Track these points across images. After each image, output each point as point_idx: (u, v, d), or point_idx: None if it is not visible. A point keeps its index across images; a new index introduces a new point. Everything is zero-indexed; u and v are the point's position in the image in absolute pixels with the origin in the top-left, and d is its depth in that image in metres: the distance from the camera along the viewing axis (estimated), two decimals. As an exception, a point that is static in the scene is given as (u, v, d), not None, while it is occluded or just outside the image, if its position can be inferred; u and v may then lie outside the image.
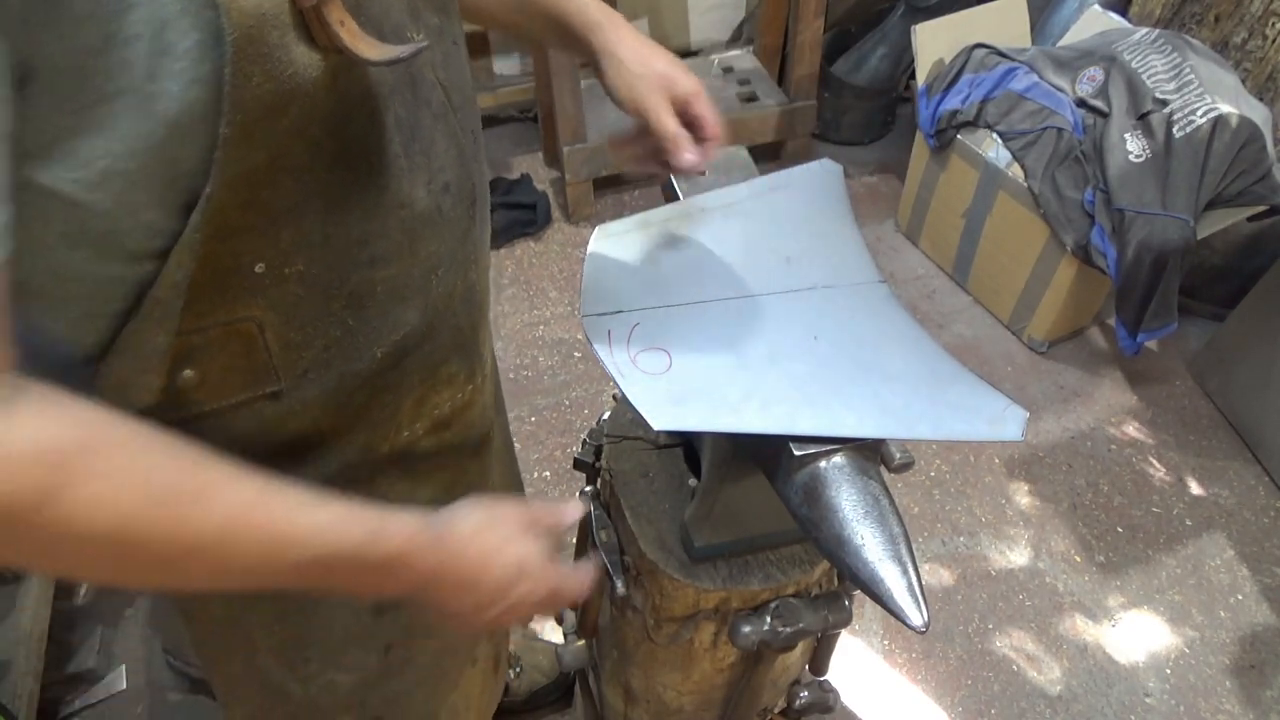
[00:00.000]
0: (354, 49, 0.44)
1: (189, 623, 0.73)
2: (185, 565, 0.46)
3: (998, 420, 0.69)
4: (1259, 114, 1.83)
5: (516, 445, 1.98)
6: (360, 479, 0.67)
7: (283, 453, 0.60)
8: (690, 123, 0.74)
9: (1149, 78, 1.89)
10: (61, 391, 0.42)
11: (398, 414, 0.67)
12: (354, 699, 0.82)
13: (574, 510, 0.67)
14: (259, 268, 0.50)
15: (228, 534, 0.46)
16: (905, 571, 0.62)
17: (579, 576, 0.66)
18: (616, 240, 0.84)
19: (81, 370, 0.48)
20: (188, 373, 0.52)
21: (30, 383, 0.41)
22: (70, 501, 0.40)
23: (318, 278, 0.53)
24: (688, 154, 0.72)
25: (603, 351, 0.74)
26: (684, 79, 0.74)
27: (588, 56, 0.78)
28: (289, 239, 0.50)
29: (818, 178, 0.92)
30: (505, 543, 0.60)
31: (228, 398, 0.55)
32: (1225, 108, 1.79)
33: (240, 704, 0.80)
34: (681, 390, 0.71)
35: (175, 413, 0.53)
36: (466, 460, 0.79)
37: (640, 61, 0.74)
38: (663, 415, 0.68)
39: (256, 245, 0.49)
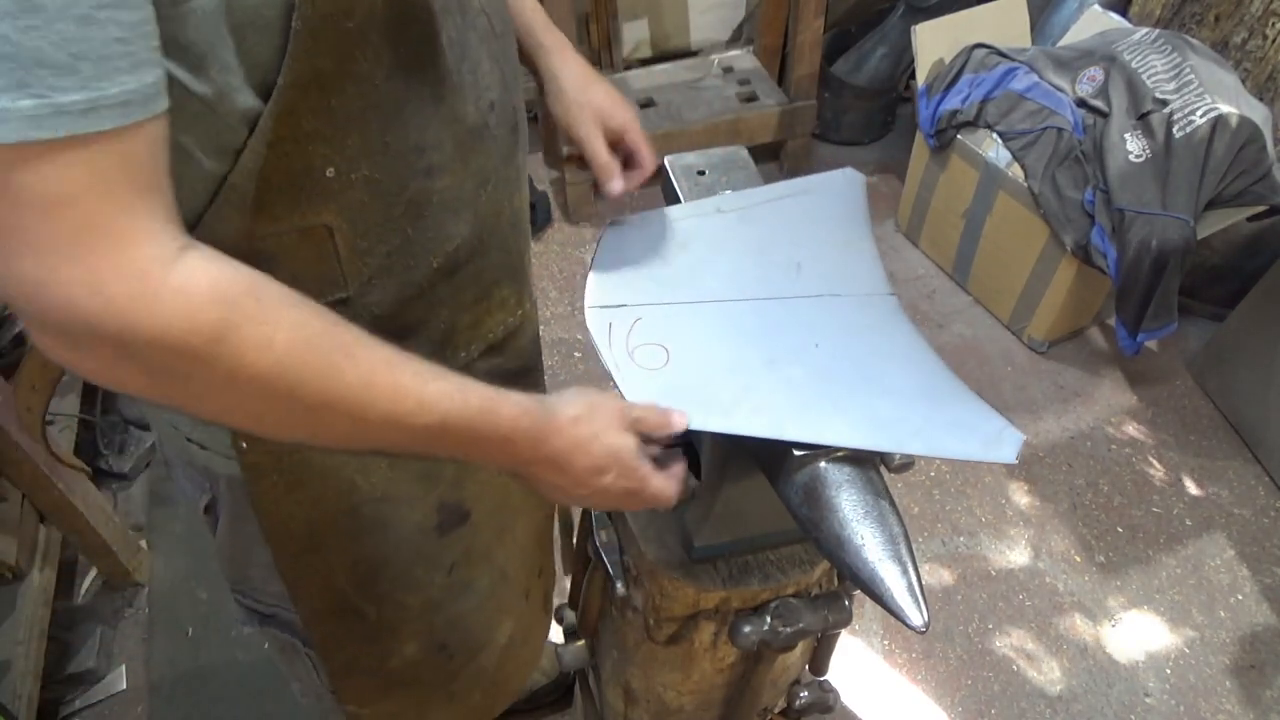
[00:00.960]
0: None
1: (274, 547, 0.75)
2: (330, 415, 0.51)
3: (993, 441, 0.69)
4: (1259, 114, 1.83)
5: (516, 445, 1.98)
6: None
7: None
8: (625, 153, 0.82)
9: (1149, 78, 1.89)
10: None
11: (454, 334, 0.71)
12: (422, 622, 0.88)
13: (679, 419, 0.68)
14: (330, 172, 0.53)
15: (367, 387, 0.51)
16: (905, 571, 0.62)
17: (666, 480, 0.68)
18: (629, 235, 0.84)
19: None
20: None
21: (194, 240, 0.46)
22: (239, 340, 0.45)
23: (380, 184, 0.57)
24: (614, 182, 0.79)
25: (601, 344, 0.74)
26: (619, 112, 0.81)
27: (533, 75, 0.83)
28: (355, 144, 0.54)
29: (839, 186, 0.92)
30: (600, 433, 0.64)
31: None
32: (1225, 108, 1.79)
33: (320, 624, 0.83)
34: (675, 388, 0.71)
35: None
36: (519, 388, 0.82)
37: (580, 90, 0.80)
38: None
39: (327, 150, 0.53)
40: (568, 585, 1.18)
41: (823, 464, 0.67)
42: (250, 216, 0.52)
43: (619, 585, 0.92)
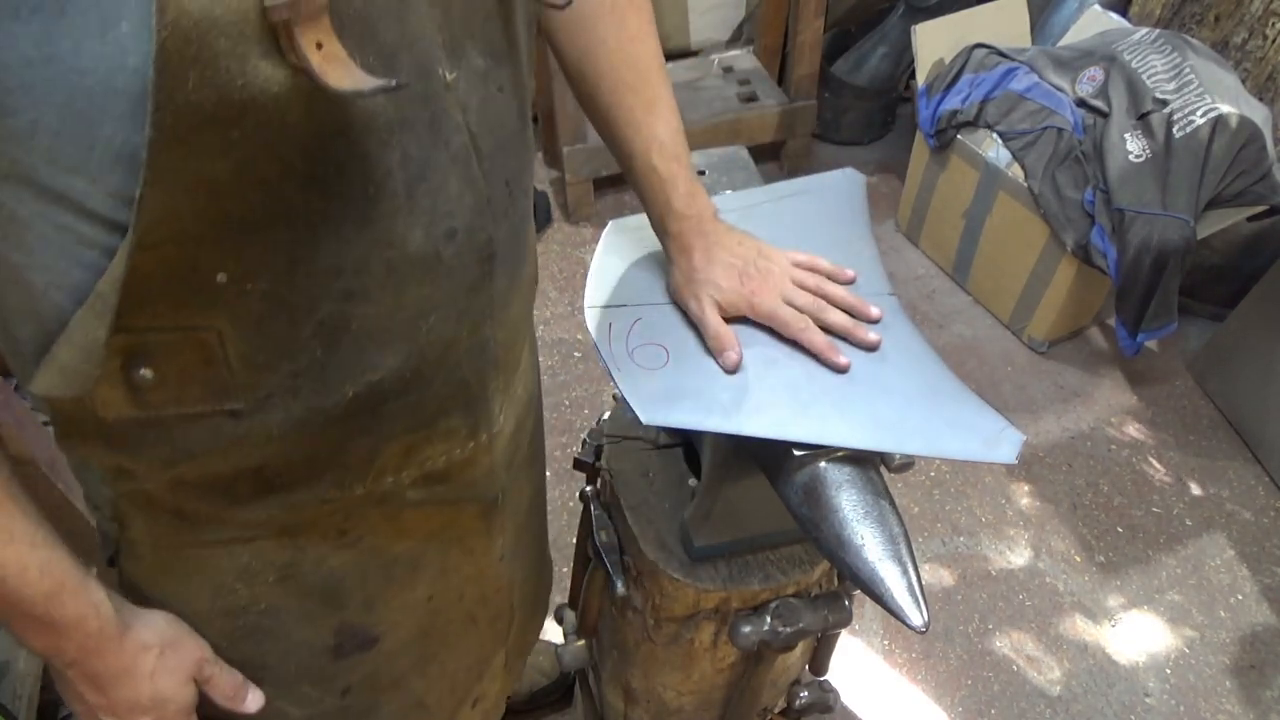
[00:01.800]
0: (320, 73, 0.41)
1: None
2: None
3: (993, 441, 0.69)
4: (1259, 114, 1.83)
5: (516, 445, 1.98)
6: (334, 515, 0.65)
7: (246, 477, 0.59)
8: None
9: (1149, 78, 1.89)
10: None
11: (376, 459, 0.63)
12: None
13: (253, 698, 0.68)
14: (220, 278, 0.48)
15: None
16: (905, 571, 0.62)
17: None
18: (630, 235, 0.84)
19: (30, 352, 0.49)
20: (145, 371, 0.50)
21: None
22: None
23: (284, 300, 0.50)
24: (727, 354, 0.74)
25: (601, 343, 0.74)
26: (733, 295, 0.76)
27: (655, 226, 0.80)
28: (255, 255, 0.48)
29: (840, 186, 0.92)
30: (160, 674, 0.61)
31: (187, 406, 0.53)
32: (1225, 108, 1.79)
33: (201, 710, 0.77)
34: (675, 387, 0.71)
35: (133, 412, 0.52)
36: (468, 520, 0.76)
37: (690, 272, 0.77)
38: (652, 410, 0.69)
39: (217, 255, 0.47)
40: (568, 585, 1.18)
41: (823, 464, 0.67)
42: (124, 317, 0.47)
43: (619, 585, 0.92)
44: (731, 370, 0.74)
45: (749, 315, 0.77)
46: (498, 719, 1.03)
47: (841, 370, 0.74)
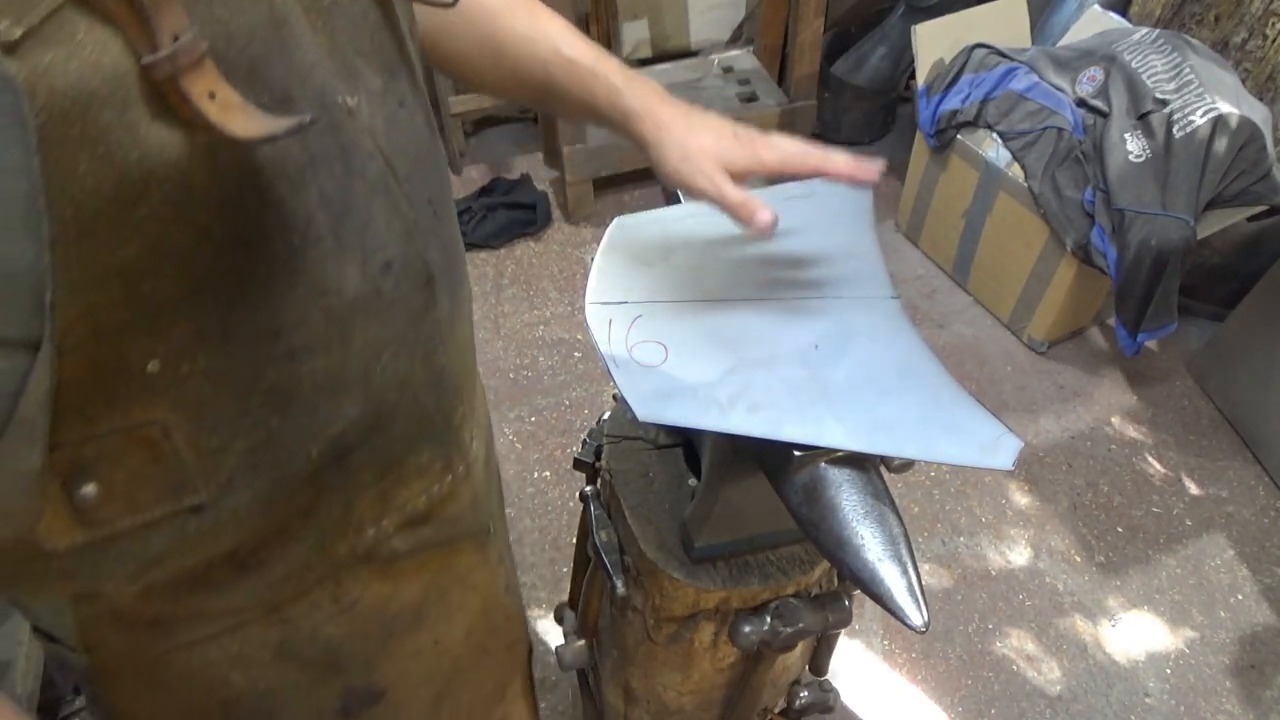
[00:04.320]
0: (222, 124, 0.37)
1: None
2: None
3: (990, 447, 0.69)
4: (1259, 114, 1.83)
5: (517, 445, 1.98)
6: (322, 580, 0.62)
7: (219, 566, 0.55)
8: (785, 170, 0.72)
9: (1149, 78, 1.89)
10: None
11: (352, 513, 0.60)
12: None
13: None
14: (152, 366, 0.43)
15: None
16: (905, 571, 0.62)
17: None
18: (633, 233, 0.84)
19: None
20: (88, 488, 0.45)
21: None
22: None
23: (225, 374, 0.46)
24: (760, 213, 0.69)
25: (600, 340, 0.74)
26: (736, 151, 0.71)
27: (629, 140, 0.75)
28: (184, 333, 0.43)
29: (846, 189, 0.92)
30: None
31: (142, 513, 0.48)
32: (1225, 108, 1.79)
33: None
34: (672, 385, 0.71)
35: (84, 534, 0.47)
36: (463, 556, 0.73)
37: (682, 147, 0.71)
38: (649, 407, 0.68)
39: (145, 342, 0.42)
40: (568, 585, 1.18)
41: (823, 465, 0.67)
42: (55, 433, 0.43)
43: (619, 585, 0.92)
44: (766, 230, 0.69)
45: (758, 171, 0.72)
46: None
47: (871, 180, 0.70)
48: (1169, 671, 1.65)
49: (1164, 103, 1.84)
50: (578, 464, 1.03)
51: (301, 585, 0.60)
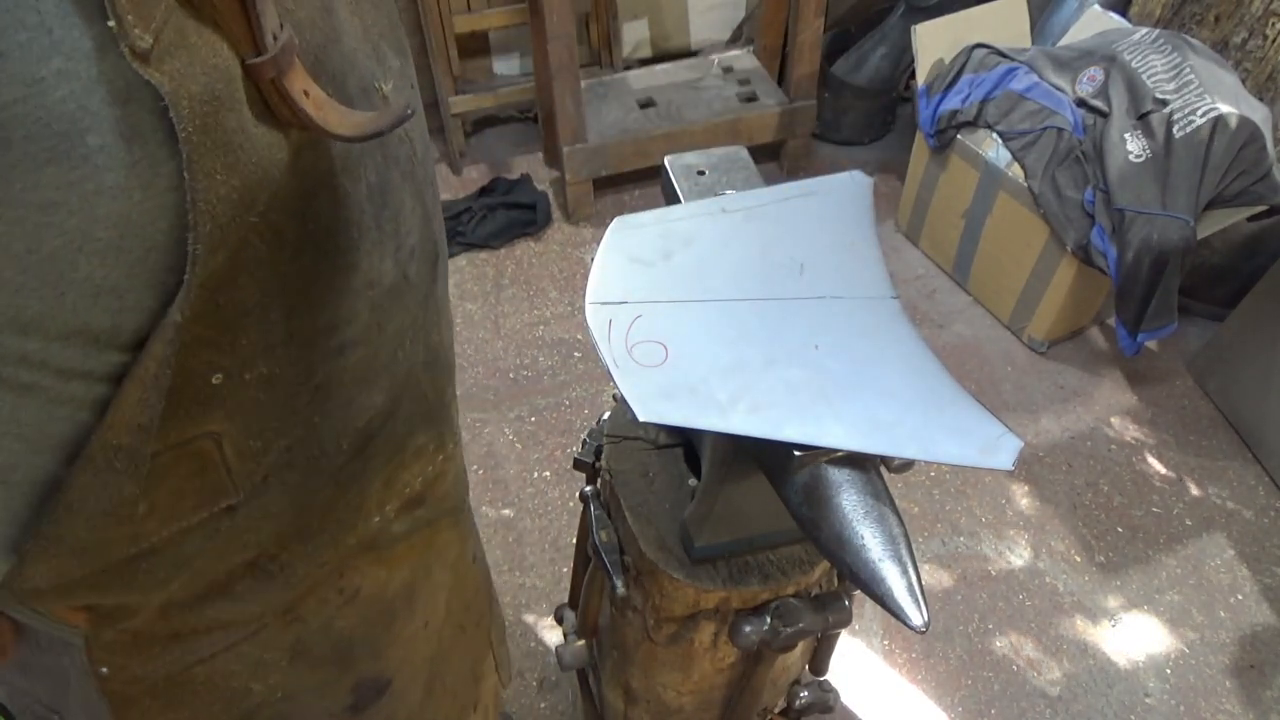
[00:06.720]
0: (323, 124, 0.36)
1: None
2: None
3: (990, 448, 0.69)
4: (1259, 114, 1.83)
5: (517, 445, 1.98)
6: (329, 574, 0.62)
7: (240, 575, 0.54)
8: None
9: (1149, 78, 1.89)
10: None
11: (365, 502, 0.60)
12: None
13: None
14: (217, 379, 0.41)
15: None
16: (905, 571, 0.62)
17: None
18: (634, 233, 0.84)
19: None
20: (139, 508, 0.44)
21: None
22: None
23: (281, 377, 0.45)
24: None
25: (600, 339, 0.74)
26: None
27: None
28: (250, 342, 0.42)
29: (846, 188, 0.92)
30: None
31: (178, 523, 0.47)
32: (1225, 108, 1.79)
33: None
34: (672, 385, 0.71)
35: (123, 551, 0.45)
36: (443, 533, 0.74)
37: None
38: (649, 408, 0.68)
39: (213, 356, 0.41)
40: (568, 585, 1.18)
41: (823, 465, 0.68)
42: (145, 463, 0.42)
43: (619, 585, 0.92)
44: None
45: None
46: (496, 715, 1.03)
47: None
48: (1169, 671, 1.65)
49: (1164, 103, 1.84)
50: (578, 464, 1.03)
51: (312, 581, 0.60)
